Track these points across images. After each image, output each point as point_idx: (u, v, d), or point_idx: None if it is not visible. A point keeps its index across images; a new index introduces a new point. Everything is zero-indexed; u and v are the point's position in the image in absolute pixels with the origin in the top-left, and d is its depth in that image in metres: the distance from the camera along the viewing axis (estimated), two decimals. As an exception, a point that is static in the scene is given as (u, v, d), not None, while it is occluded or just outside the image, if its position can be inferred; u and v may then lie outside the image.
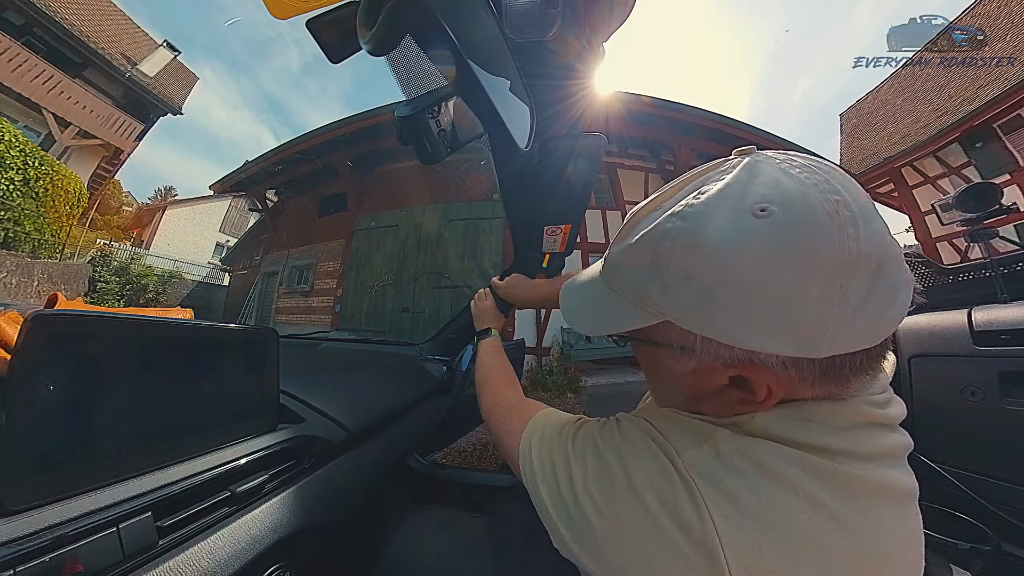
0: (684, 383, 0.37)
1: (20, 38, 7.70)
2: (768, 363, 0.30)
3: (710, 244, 0.29)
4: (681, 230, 0.31)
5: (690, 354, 0.34)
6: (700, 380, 0.35)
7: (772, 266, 0.28)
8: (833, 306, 0.27)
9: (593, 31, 0.57)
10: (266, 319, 9.74)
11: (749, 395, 0.33)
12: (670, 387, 0.41)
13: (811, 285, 0.27)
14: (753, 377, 0.32)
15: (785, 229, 0.28)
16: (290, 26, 1.09)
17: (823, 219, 0.27)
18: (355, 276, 8.31)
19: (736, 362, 0.32)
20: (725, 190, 0.31)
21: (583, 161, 0.88)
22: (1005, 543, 0.74)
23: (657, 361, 0.40)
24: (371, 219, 8.56)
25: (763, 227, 0.28)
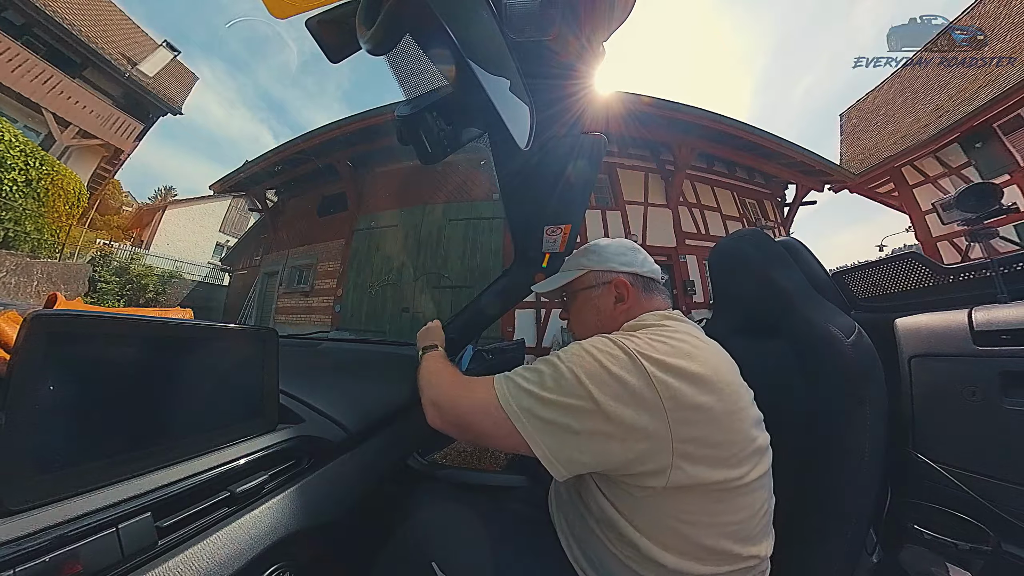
0: (599, 304, 0.78)
1: (20, 38, 7.70)
2: (624, 278, 0.77)
3: (600, 243, 0.85)
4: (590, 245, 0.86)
5: (597, 286, 0.79)
6: (603, 301, 0.78)
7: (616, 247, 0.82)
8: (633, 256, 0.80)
9: (593, 30, 0.57)
10: (266, 319, 9.74)
11: (623, 302, 0.76)
12: (593, 312, 0.79)
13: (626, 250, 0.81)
14: (620, 288, 0.77)
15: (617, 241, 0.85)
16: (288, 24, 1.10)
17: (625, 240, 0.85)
18: (355, 276, 8.32)
19: (612, 280, 0.78)
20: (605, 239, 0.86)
21: (583, 161, 0.88)
22: (1005, 543, 0.74)
23: (587, 299, 0.81)
24: (371, 219, 8.56)
25: (612, 241, 0.85)
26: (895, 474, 0.88)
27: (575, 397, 0.53)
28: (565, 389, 0.55)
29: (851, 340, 0.71)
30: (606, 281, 0.78)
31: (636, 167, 7.83)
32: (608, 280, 0.78)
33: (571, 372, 0.55)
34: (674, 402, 0.51)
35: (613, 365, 0.54)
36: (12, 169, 6.21)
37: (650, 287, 0.78)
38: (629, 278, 0.77)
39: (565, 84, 0.65)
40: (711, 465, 0.51)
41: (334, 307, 8.37)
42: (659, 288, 0.79)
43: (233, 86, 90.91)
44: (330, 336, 1.81)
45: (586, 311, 0.81)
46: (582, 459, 0.54)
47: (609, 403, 0.52)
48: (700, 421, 0.51)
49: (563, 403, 0.54)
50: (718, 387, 0.53)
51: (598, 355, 0.56)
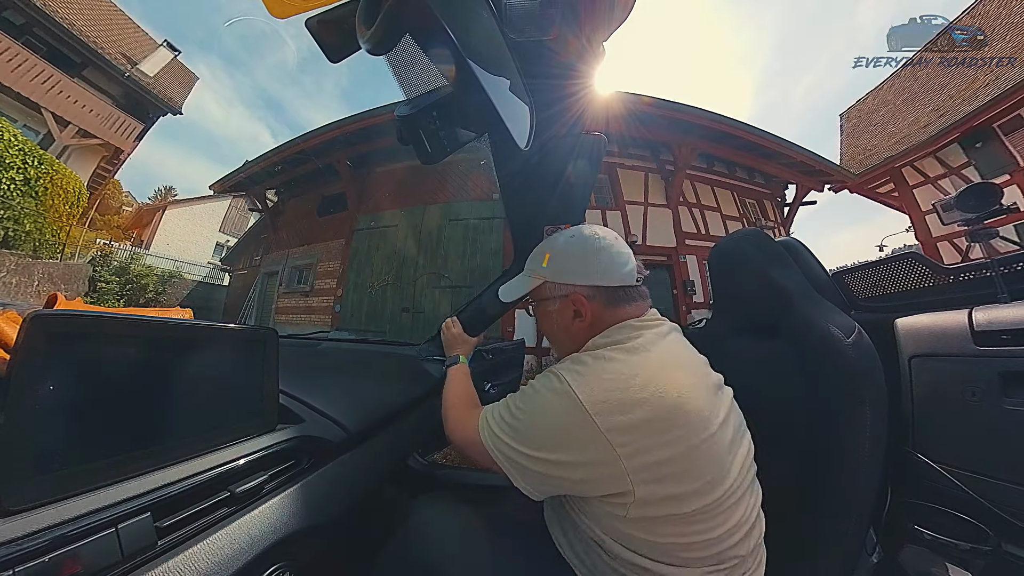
0: (557, 321, 0.72)
1: (20, 38, 7.70)
2: (582, 292, 0.69)
3: (554, 245, 0.74)
4: (552, 241, 0.76)
5: (554, 300, 0.72)
6: (561, 317, 0.71)
7: (572, 249, 0.71)
8: (596, 263, 0.69)
9: (593, 30, 0.57)
10: (266, 319, 9.74)
11: (581, 319, 0.69)
12: (553, 328, 0.74)
13: (584, 255, 0.70)
14: (578, 304, 0.68)
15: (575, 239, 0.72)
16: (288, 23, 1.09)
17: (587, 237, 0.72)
18: (355, 276, 8.31)
19: (570, 294, 0.69)
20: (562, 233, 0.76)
21: (583, 161, 0.88)
22: (1005, 543, 0.73)
23: (545, 313, 0.75)
24: (371, 219, 8.55)
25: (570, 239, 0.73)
26: (895, 474, 0.88)
27: (532, 447, 0.57)
28: (524, 438, 0.59)
29: (851, 340, 0.71)
30: (560, 295, 0.71)
31: (636, 167, 7.83)
32: (564, 295, 0.70)
33: (528, 423, 0.59)
34: (628, 449, 0.50)
35: (562, 416, 0.55)
36: (11, 168, 6.20)
37: (617, 297, 0.68)
38: (586, 292, 0.68)
39: (565, 84, 0.65)
40: (676, 502, 0.51)
41: (334, 307, 8.36)
42: (632, 294, 0.69)
43: (229, 83, 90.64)
44: (330, 336, 1.81)
45: (548, 324, 0.76)
46: (551, 489, 0.60)
47: (556, 453, 0.55)
48: (659, 463, 0.50)
49: (523, 452, 0.58)
50: (679, 423, 0.51)
51: (548, 404, 0.58)
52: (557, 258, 0.72)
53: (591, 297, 0.68)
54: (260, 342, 0.66)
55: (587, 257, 0.69)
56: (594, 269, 0.69)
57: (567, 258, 0.71)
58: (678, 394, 0.53)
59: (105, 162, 10.00)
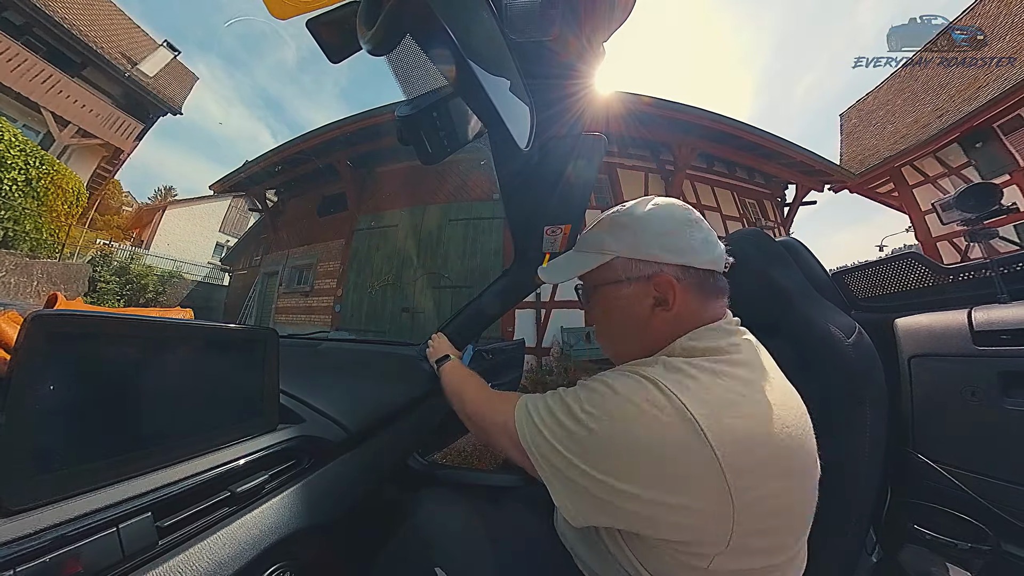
0: (629, 311, 0.57)
1: (20, 38, 7.70)
2: (669, 272, 0.54)
3: (636, 212, 0.59)
4: (622, 211, 0.61)
5: (629, 281, 0.57)
6: (638, 304, 0.56)
7: (660, 219, 0.57)
8: (688, 237, 0.55)
9: (593, 30, 0.57)
10: (266, 319, 9.73)
11: (666, 307, 0.54)
12: (623, 320, 0.59)
13: (674, 226, 0.56)
14: (663, 288, 0.54)
15: (664, 207, 0.59)
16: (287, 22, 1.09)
17: (676, 206, 0.59)
18: (355, 276, 8.31)
19: (652, 275, 0.55)
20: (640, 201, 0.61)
21: (583, 161, 0.88)
22: (1005, 543, 0.74)
23: (612, 299, 0.60)
24: (371, 219, 8.55)
25: (656, 206, 0.59)
26: (895, 474, 0.88)
27: (606, 473, 0.43)
28: (594, 456, 0.44)
29: (851, 340, 0.71)
30: (642, 276, 0.55)
31: (636, 167, 7.83)
32: (645, 275, 0.55)
33: (601, 438, 0.44)
34: (747, 494, 0.39)
35: (663, 440, 0.41)
36: (12, 168, 6.20)
37: (707, 285, 0.55)
38: (677, 272, 0.54)
39: (565, 84, 0.65)
40: (767, 552, 0.42)
41: (334, 307, 8.36)
42: (719, 285, 0.57)
43: (229, 83, 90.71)
44: (330, 336, 1.81)
45: (612, 316, 0.61)
46: (604, 520, 0.46)
47: (652, 491, 0.41)
48: (771, 513, 0.41)
49: (589, 474, 0.44)
50: (801, 464, 0.43)
51: (641, 421, 0.42)
52: (634, 227, 0.57)
53: (680, 279, 0.54)
54: (260, 342, 0.66)
55: (676, 227, 0.55)
56: (688, 243, 0.54)
57: (651, 227, 0.56)
58: (801, 431, 0.44)
59: (105, 162, 10.00)
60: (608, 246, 0.59)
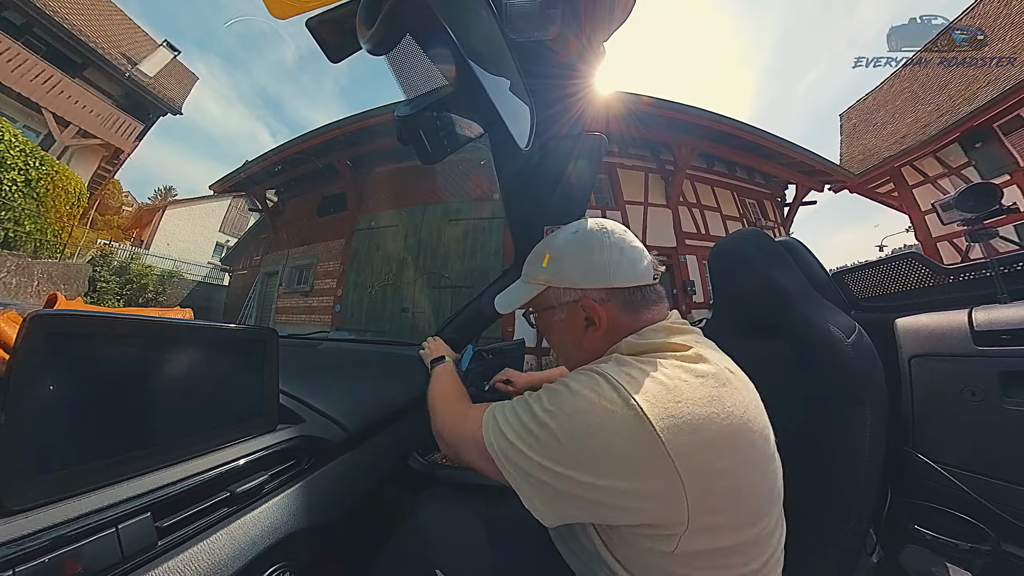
0: (566, 331, 0.63)
1: (20, 38, 7.70)
2: (593, 296, 0.59)
3: (556, 244, 0.65)
4: (551, 242, 0.66)
5: (561, 308, 0.62)
6: (572, 326, 0.62)
7: (577, 248, 0.62)
8: (607, 262, 0.59)
9: (593, 30, 0.57)
10: (266, 319, 9.74)
11: (596, 326, 0.59)
12: (562, 339, 0.65)
13: (592, 253, 0.60)
14: (590, 310, 0.59)
15: (579, 236, 0.63)
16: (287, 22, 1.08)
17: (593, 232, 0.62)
18: (355, 276, 8.31)
19: (579, 300, 0.60)
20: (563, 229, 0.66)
21: (583, 161, 0.88)
22: (1005, 543, 0.74)
23: (550, 323, 0.66)
24: (371, 219, 8.55)
25: (573, 236, 0.64)
26: (895, 474, 0.88)
27: (565, 466, 0.45)
28: (555, 452, 0.46)
29: (851, 340, 0.71)
30: (568, 302, 0.61)
31: (636, 167, 7.83)
32: (572, 300, 0.60)
33: (563, 434, 0.46)
34: (695, 474, 0.42)
35: (620, 432, 0.43)
36: (12, 169, 6.20)
37: (635, 300, 0.59)
38: (600, 296, 0.59)
39: (565, 84, 0.65)
40: (729, 530, 0.45)
41: (334, 307, 8.36)
42: (648, 296, 0.60)
43: (228, 81, 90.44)
44: (330, 336, 1.81)
45: (554, 336, 0.67)
46: (573, 514, 0.48)
47: (606, 478, 0.44)
48: (723, 491, 0.43)
49: (551, 469, 0.46)
50: (745, 443, 0.45)
51: (595, 416, 0.45)
52: (559, 258, 0.62)
53: (604, 300, 0.59)
54: (260, 342, 0.66)
55: (595, 254, 0.60)
56: (605, 268, 0.59)
57: (571, 257, 0.61)
58: (744, 411, 0.47)
59: (105, 162, 10.00)
60: (539, 278, 0.65)
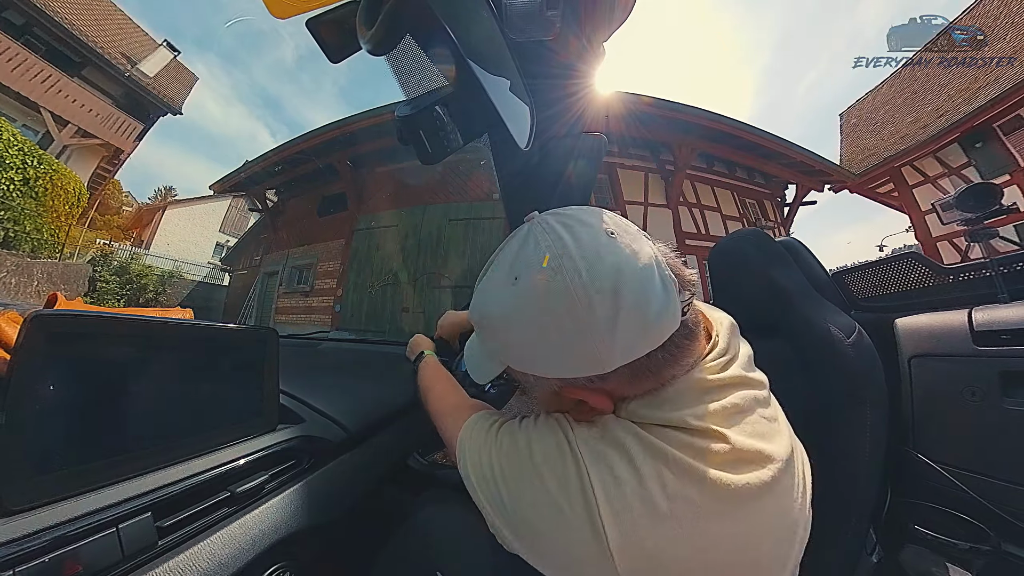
0: (552, 406, 0.44)
1: (20, 38, 7.70)
2: (580, 384, 0.38)
3: (494, 316, 0.39)
4: (476, 306, 0.42)
5: (533, 388, 0.43)
6: (556, 403, 0.43)
7: (530, 323, 0.36)
8: (587, 334, 0.34)
9: (594, 30, 0.57)
10: (266, 319, 9.73)
11: (591, 408, 0.40)
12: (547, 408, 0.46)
13: (562, 324, 0.34)
14: (580, 396, 0.39)
15: (526, 292, 0.35)
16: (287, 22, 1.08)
17: (548, 274, 0.34)
18: (355, 276, 8.31)
19: (560, 387, 0.39)
20: (500, 264, 0.40)
21: (583, 161, 0.88)
22: (1005, 543, 0.74)
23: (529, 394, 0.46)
24: (371, 219, 8.55)
25: (516, 294, 0.36)
26: (895, 474, 0.88)
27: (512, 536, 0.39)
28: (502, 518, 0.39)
29: (851, 340, 0.71)
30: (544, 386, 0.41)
31: (636, 167, 7.83)
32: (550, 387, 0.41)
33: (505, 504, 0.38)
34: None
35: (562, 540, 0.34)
36: (10, 168, 6.20)
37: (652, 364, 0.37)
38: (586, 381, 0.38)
39: (565, 84, 0.65)
40: None
41: (334, 307, 8.36)
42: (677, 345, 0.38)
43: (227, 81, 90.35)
44: (330, 336, 1.81)
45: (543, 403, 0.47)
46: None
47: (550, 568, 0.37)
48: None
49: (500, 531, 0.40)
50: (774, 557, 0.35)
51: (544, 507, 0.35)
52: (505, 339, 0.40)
53: (597, 382, 0.37)
54: (260, 342, 0.66)
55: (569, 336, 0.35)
56: (590, 355, 0.35)
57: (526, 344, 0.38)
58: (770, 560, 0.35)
59: (105, 162, 10.00)
60: (492, 352, 0.43)
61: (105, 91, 9.48)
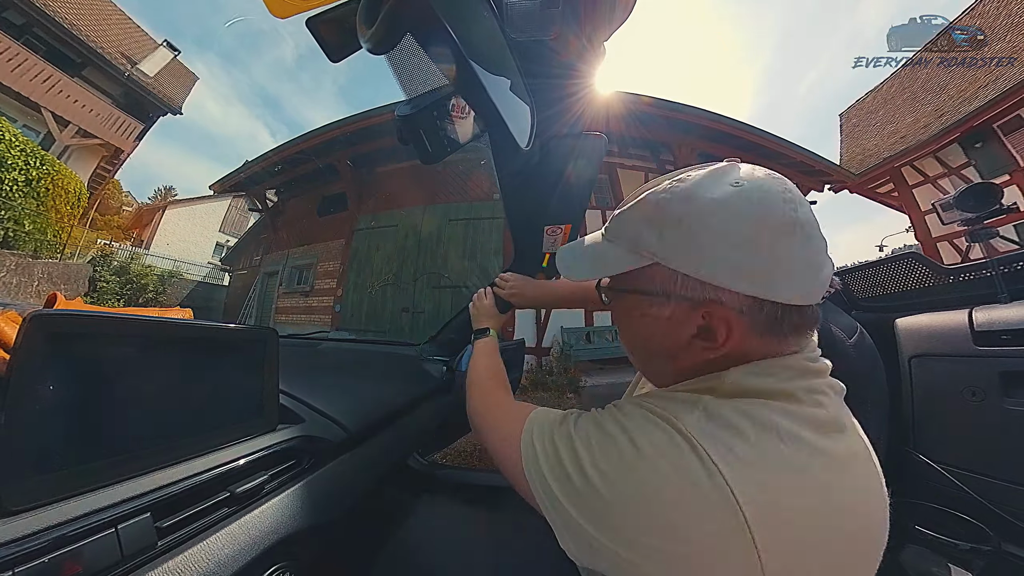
0: (660, 334, 0.44)
1: (20, 38, 7.70)
2: (729, 304, 0.38)
3: (700, 198, 0.39)
4: (677, 189, 0.40)
5: (668, 299, 0.41)
6: (674, 330, 0.42)
7: (739, 219, 0.37)
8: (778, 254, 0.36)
9: (594, 30, 0.57)
10: (266, 319, 9.73)
11: (711, 343, 0.40)
12: (648, 342, 0.47)
13: (763, 235, 0.36)
14: (715, 320, 0.39)
15: (751, 195, 0.38)
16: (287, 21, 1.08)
17: (775, 194, 0.38)
18: (355, 276, 8.31)
19: (705, 301, 0.39)
20: (712, 172, 0.41)
21: (583, 160, 0.88)
22: (1005, 543, 0.74)
23: (639, 313, 0.45)
24: (371, 219, 8.55)
25: (737, 193, 0.38)
26: (895, 474, 0.88)
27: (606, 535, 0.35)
28: (594, 518, 0.36)
29: (852, 340, 0.71)
30: (688, 299, 0.40)
31: (636, 167, 7.83)
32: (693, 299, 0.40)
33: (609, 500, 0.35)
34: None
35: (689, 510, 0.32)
36: (12, 169, 6.20)
37: (784, 323, 0.39)
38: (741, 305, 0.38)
39: (565, 84, 0.65)
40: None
41: (334, 307, 8.36)
42: (806, 320, 0.40)
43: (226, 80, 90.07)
44: (330, 336, 1.81)
45: (635, 332, 0.49)
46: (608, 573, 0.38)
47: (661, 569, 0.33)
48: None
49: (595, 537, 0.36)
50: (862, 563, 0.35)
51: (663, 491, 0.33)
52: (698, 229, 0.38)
53: (745, 314, 0.38)
54: (260, 342, 0.66)
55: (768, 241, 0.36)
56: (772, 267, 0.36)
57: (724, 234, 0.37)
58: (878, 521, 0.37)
59: (105, 162, 10.00)
60: (647, 245, 0.41)
61: (105, 91, 9.48)
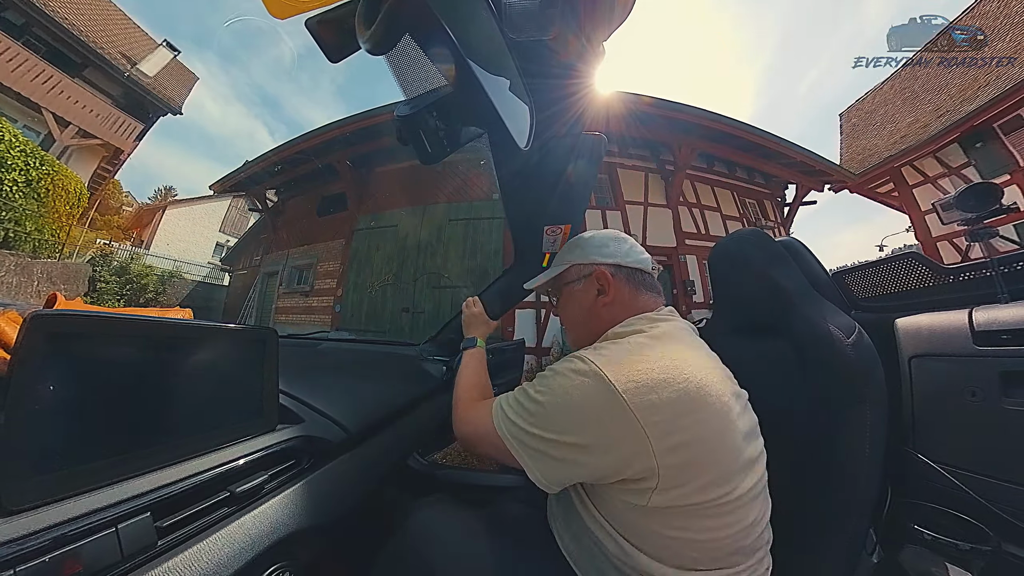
0: (580, 303, 0.78)
1: (20, 38, 7.70)
2: (604, 270, 0.75)
3: (584, 236, 0.85)
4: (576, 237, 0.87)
5: (578, 279, 0.79)
6: (586, 295, 0.77)
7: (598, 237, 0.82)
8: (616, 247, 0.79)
9: (593, 30, 0.57)
10: (266, 319, 9.73)
11: (606, 295, 0.74)
12: (577, 310, 0.79)
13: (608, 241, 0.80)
14: (603, 279, 0.75)
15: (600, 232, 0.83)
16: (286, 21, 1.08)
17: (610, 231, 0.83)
18: (355, 276, 8.31)
19: (594, 269, 0.76)
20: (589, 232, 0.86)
21: (583, 161, 0.88)
22: (1005, 543, 0.74)
23: (569, 295, 0.81)
24: (371, 219, 8.55)
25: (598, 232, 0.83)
26: (895, 474, 0.88)
27: (554, 431, 0.56)
28: (545, 421, 0.57)
29: (851, 340, 0.71)
30: (586, 274, 0.77)
31: (636, 167, 7.82)
32: (588, 272, 0.77)
33: (550, 405, 0.57)
34: (657, 428, 0.49)
35: (590, 396, 0.53)
36: (12, 169, 6.21)
37: (636, 279, 0.75)
38: (610, 269, 0.75)
39: (565, 84, 0.65)
40: (697, 488, 0.50)
41: (334, 307, 8.36)
42: (647, 281, 0.76)
43: (225, 79, 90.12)
44: (330, 336, 1.81)
45: (571, 307, 0.81)
46: (568, 477, 0.57)
47: (586, 437, 0.53)
48: (686, 444, 0.50)
49: (543, 436, 0.56)
50: (704, 405, 0.52)
51: (571, 387, 0.56)
52: (583, 244, 0.82)
53: (614, 274, 0.75)
54: (260, 342, 0.66)
55: (608, 241, 0.79)
56: (616, 250, 0.77)
57: (593, 242, 0.81)
58: (703, 377, 0.54)
59: (105, 162, 10.00)
60: (565, 259, 0.83)
61: (105, 91, 9.48)
